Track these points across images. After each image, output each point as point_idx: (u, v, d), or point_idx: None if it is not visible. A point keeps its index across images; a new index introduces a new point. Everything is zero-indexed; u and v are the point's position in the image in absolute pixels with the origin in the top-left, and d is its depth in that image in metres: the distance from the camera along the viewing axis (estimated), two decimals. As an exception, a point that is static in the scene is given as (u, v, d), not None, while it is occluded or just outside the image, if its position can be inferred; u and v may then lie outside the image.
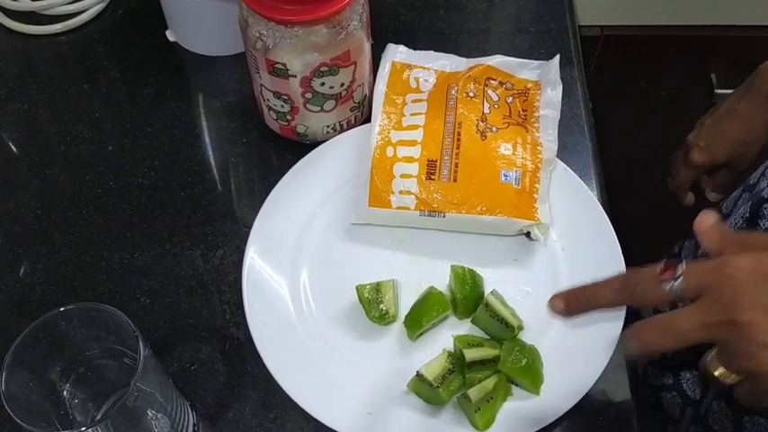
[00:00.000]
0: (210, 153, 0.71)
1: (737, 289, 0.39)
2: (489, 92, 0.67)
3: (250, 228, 0.62)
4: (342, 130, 0.68)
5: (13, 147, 0.72)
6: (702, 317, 0.40)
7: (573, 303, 0.47)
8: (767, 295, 0.38)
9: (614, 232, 0.61)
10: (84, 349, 0.48)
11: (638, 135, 1.10)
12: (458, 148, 0.63)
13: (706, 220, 0.45)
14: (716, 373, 0.42)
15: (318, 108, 0.65)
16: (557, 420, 0.53)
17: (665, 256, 0.71)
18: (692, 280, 0.41)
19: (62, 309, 0.44)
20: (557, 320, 0.58)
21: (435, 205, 0.61)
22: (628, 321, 0.57)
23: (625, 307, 0.57)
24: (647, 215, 1.11)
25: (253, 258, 0.61)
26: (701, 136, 0.72)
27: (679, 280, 0.41)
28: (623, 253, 0.60)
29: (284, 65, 0.60)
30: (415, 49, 0.72)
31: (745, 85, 0.68)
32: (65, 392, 0.49)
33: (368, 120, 0.68)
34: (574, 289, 0.48)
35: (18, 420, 0.42)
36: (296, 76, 0.61)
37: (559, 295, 0.48)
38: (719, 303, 0.40)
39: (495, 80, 0.69)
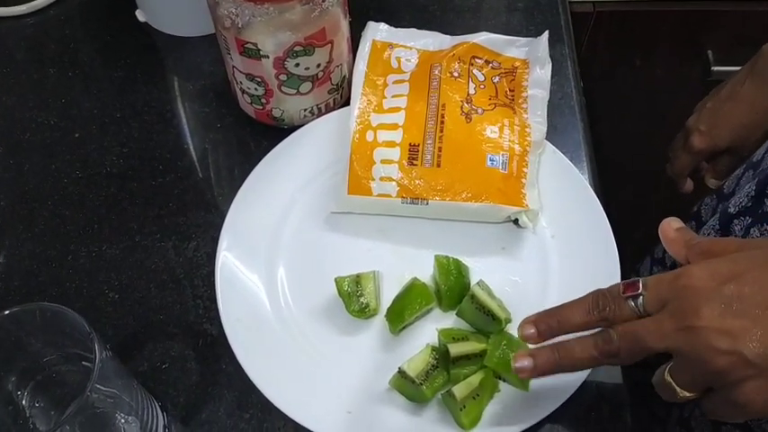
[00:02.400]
0: (183, 139, 0.68)
1: (694, 298, 0.39)
2: (475, 71, 0.64)
3: (224, 217, 0.59)
4: (320, 114, 0.65)
5: (-26, 135, 0.69)
6: (661, 326, 0.41)
7: (544, 327, 0.46)
8: (722, 301, 0.39)
9: (606, 218, 0.59)
10: (41, 355, 0.46)
11: (632, 115, 1.08)
12: (441, 131, 0.60)
13: (669, 229, 0.45)
14: (679, 395, 0.42)
15: (294, 90, 0.62)
16: (546, 418, 0.51)
17: (657, 242, 0.68)
18: (652, 295, 0.42)
19: (7, 311, 0.41)
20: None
21: (418, 192, 0.58)
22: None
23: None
24: (641, 200, 1.09)
25: (226, 250, 0.58)
26: (702, 120, 0.69)
27: (640, 297, 0.42)
28: (616, 239, 0.57)
29: (255, 45, 0.57)
30: (397, 26, 0.69)
31: (747, 67, 0.65)
32: (23, 401, 0.46)
33: (347, 102, 0.65)
34: (543, 313, 0.47)
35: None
36: (269, 57, 0.58)
37: (528, 320, 0.47)
38: (678, 313, 0.40)
39: (480, 59, 0.65)
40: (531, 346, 0.47)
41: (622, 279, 0.56)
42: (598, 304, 0.44)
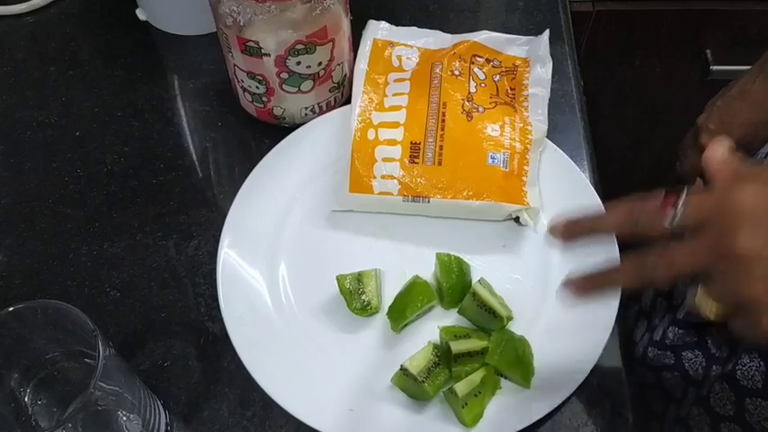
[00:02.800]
0: (184, 138, 0.68)
1: (737, 220, 0.38)
2: (475, 70, 0.64)
3: (226, 216, 0.59)
4: (321, 112, 0.65)
5: (-25, 133, 0.69)
6: (698, 246, 0.40)
7: (575, 228, 0.46)
8: (764, 228, 0.38)
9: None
10: (44, 352, 0.46)
11: (632, 113, 1.08)
12: (442, 129, 0.60)
13: (717, 151, 0.43)
14: (707, 312, 0.42)
15: (295, 89, 0.62)
16: (548, 415, 0.51)
17: (651, 247, 0.68)
18: (692, 211, 0.40)
19: (11, 308, 0.41)
20: (548, 310, 0.55)
21: (419, 190, 0.58)
22: (620, 316, 0.54)
23: (618, 298, 0.54)
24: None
25: (228, 249, 0.58)
26: (712, 118, 0.69)
27: (680, 211, 0.41)
28: (617, 237, 0.57)
29: (257, 43, 0.57)
30: (398, 25, 0.69)
31: (758, 65, 0.65)
32: (26, 398, 0.46)
33: (348, 101, 0.65)
34: (575, 217, 0.46)
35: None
36: (270, 55, 0.58)
37: (561, 220, 0.46)
38: (717, 234, 0.39)
39: (481, 57, 0.66)
40: None
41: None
42: (631, 211, 0.43)
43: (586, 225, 0.46)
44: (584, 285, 0.45)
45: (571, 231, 0.46)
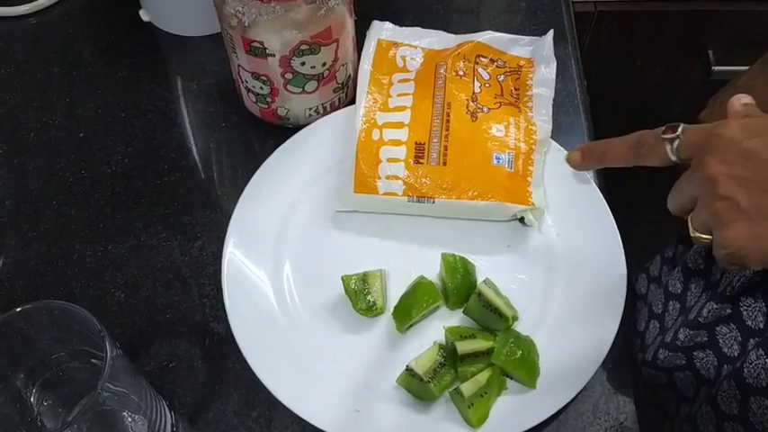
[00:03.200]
0: (188, 138, 0.68)
1: (716, 145, 0.42)
2: (480, 70, 0.64)
3: (230, 216, 0.59)
4: (325, 113, 0.65)
5: (-21, 134, 0.69)
6: (689, 172, 0.44)
7: (588, 155, 0.54)
8: (737, 151, 0.41)
9: (612, 216, 0.58)
10: (49, 352, 0.45)
11: (635, 113, 1.08)
12: (447, 129, 0.60)
13: (740, 100, 0.46)
14: (692, 234, 0.45)
15: (300, 89, 0.62)
16: (554, 414, 0.51)
17: (665, 242, 0.68)
18: (688, 138, 0.44)
19: (19, 309, 0.41)
20: (552, 310, 0.55)
21: (424, 190, 0.58)
22: (625, 318, 0.54)
23: (624, 298, 0.54)
24: (646, 197, 1.09)
25: (232, 249, 0.58)
26: (715, 115, 0.69)
27: (677, 140, 0.45)
28: (621, 237, 0.57)
29: (262, 43, 0.57)
30: (401, 25, 0.69)
31: (760, 63, 0.65)
32: (31, 398, 0.46)
33: (352, 101, 0.65)
34: (590, 144, 0.56)
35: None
36: (275, 56, 0.58)
37: (578, 147, 0.56)
38: (700, 158, 0.43)
39: (485, 57, 0.66)
40: None
41: (628, 278, 0.56)
42: (638, 141, 0.48)
43: (597, 152, 0.53)
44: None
45: (584, 157, 0.54)
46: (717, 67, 0.98)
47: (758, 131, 0.41)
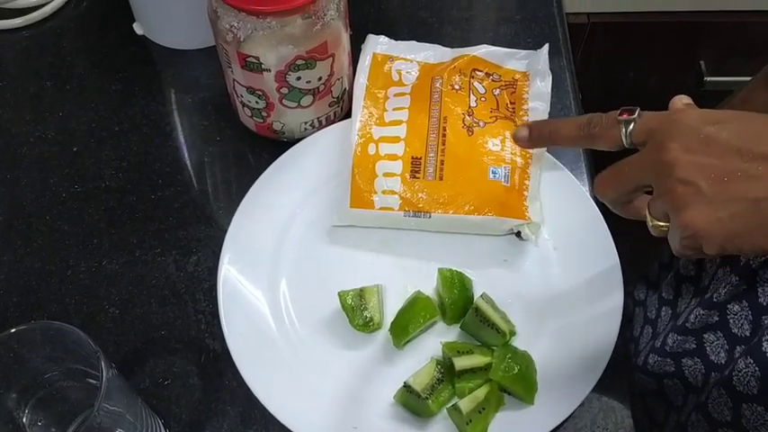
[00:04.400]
0: (182, 153, 0.68)
1: (675, 131, 0.42)
2: (475, 84, 0.64)
3: (225, 231, 0.59)
4: (321, 127, 0.65)
5: (-29, 149, 0.68)
6: (641, 157, 0.44)
7: (536, 134, 0.52)
8: (699, 138, 0.41)
9: (608, 229, 0.59)
10: (42, 371, 0.45)
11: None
12: (443, 144, 0.60)
13: (681, 100, 0.47)
14: (650, 224, 0.45)
15: (295, 104, 0.62)
16: (553, 430, 0.51)
17: (659, 254, 0.68)
18: (643, 122, 0.44)
19: (13, 330, 0.40)
20: (550, 324, 0.55)
21: (421, 205, 0.58)
22: (623, 325, 0.54)
23: (621, 313, 0.54)
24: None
25: (228, 265, 0.57)
26: None
27: (632, 123, 0.44)
28: (617, 250, 0.57)
29: (257, 58, 0.57)
30: (396, 39, 0.69)
31: (761, 74, 0.65)
32: (24, 419, 0.45)
33: (348, 115, 0.65)
34: (539, 121, 0.54)
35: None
36: (270, 71, 0.58)
37: (524, 125, 0.53)
38: (657, 143, 0.42)
39: (481, 71, 0.66)
40: None
41: (625, 290, 0.56)
42: (590, 121, 0.47)
43: (546, 131, 0.51)
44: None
45: (533, 137, 0.52)
46: (709, 78, 0.99)
47: (716, 120, 0.42)
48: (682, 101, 0.47)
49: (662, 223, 0.44)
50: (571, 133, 0.48)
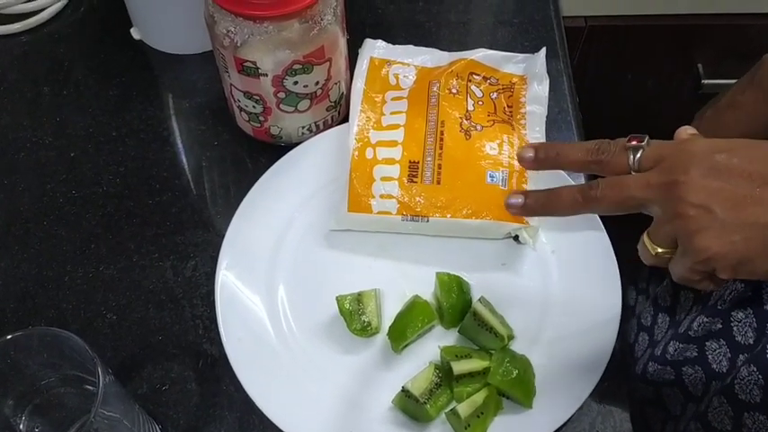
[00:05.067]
0: (180, 157, 0.68)
1: (686, 158, 0.42)
2: (473, 87, 0.64)
3: (223, 236, 0.59)
4: (318, 131, 0.65)
5: (-32, 154, 0.68)
6: (649, 177, 0.43)
7: (542, 155, 0.49)
8: (711, 164, 0.42)
9: (606, 232, 0.59)
10: (39, 378, 0.45)
11: (626, 128, 1.08)
12: (441, 148, 0.60)
13: (686, 131, 0.47)
14: (653, 252, 0.45)
15: (292, 108, 0.62)
16: (551, 434, 0.51)
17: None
18: (653, 150, 0.44)
19: (9, 336, 0.40)
20: (548, 328, 0.55)
21: (418, 209, 0.58)
22: (622, 328, 0.54)
23: (620, 313, 0.54)
24: (639, 214, 1.09)
25: (226, 270, 0.57)
26: (702, 129, 0.69)
27: (641, 150, 0.45)
28: (615, 254, 0.57)
29: (254, 63, 0.57)
30: (393, 43, 0.69)
31: (748, 76, 0.65)
32: (21, 425, 0.45)
33: (345, 119, 0.65)
34: (545, 143, 0.53)
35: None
36: (267, 75, 0.58)
37: (530, 145, 0.50)
38: (668, 167, 0.43)
39: (478, 75, 0.66)
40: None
41: (623, 293, 0.56)
42: (598, 147, 0.47)
43: (552, 153, 0.49)
44: (527, 204, 0.49)
45: (538, 158, 0.49)
46: (706, 81, 0.98)
47: (725, 148, 0.42)
48: (687, 131, 0.47)
49: (664, 250, 0.44)
50: (579, 157, 0.48)
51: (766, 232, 0.40)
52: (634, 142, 0.45)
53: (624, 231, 0.65)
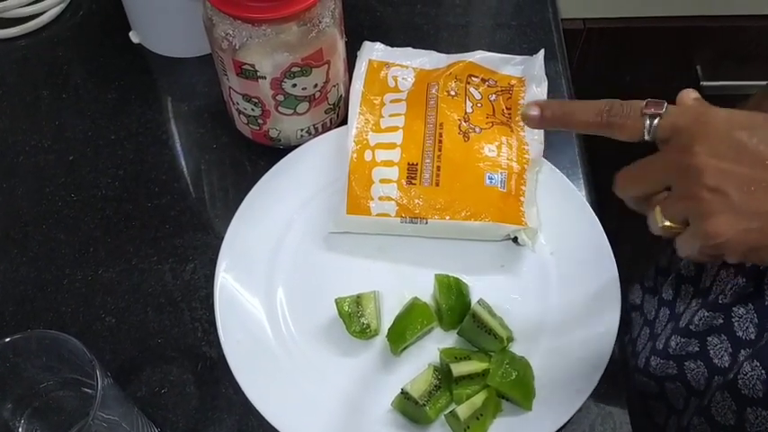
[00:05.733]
0: (179, 160, 0.68)
1: (704, 133, 0.40)
2: (471, 90, 0.64)
3: (222, 239, 0.59)
4: (317, 134, 0.65)
5: (-33, 158, 0.68)
6: (666, 156, 0.42)
7: (548, 114, 0.47)
8: (729, 143, 0.40)
9: (605, 234, 0.59)
10: (38, 381, 0.45)
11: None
12: (439, 150, 0.60)
13: (689, 95, 0.45)
14: (660, 224, 0.43)
15: (291, 111, 0.62)
16: (551, 436, 0.50)
17: (657, 259, 0.68)
18: (670, 119, 0.42)
19: (8, 339, 0.40)
20: (547, 330, 0.55)
21: (417, 211, 0.58)
22: (621, 330, 0.54)
23: (619, 314, 0.54)
24: (639, 216, 1.09)
25: (225, 272, 0.57)
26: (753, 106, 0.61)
27: (657, 117, 0.42)
28: (615, 255, 0.57)
29: (253, 66, 0.57)
30: (392, 46, 0.69)
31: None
32: (20, 429, 0.45)
33: (344, 122, 0.65)
34: (554, 101, 0.49)
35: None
36: (266, 78, 0.58)
37: (536, 102, 0.47)
38: (684, 143, 0.41)
39: (477, 77, 0.66)
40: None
41: (622, 292, 0.56)
42: (611, 109, 0.44)
43: (559, 112, 0.47)
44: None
45: (545, 116, 0.46)
46: (705, 83, 0.98)
47: (746, 124, 0.41)
48: (690, 95, 0.45)
49: (674, 225, 0.43)
50: (588, 118, 0.45)
51: None
52: (652, 109, 0.43)
53: (624, 232, 0.66)
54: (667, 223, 0.43)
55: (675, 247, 0.44)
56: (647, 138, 0.43)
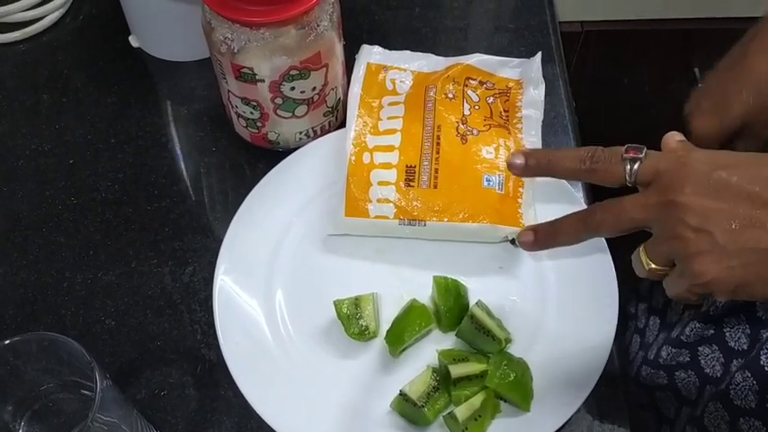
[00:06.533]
0: (178, 164, 0.68)
1: (685, 174, 0.41)
2: (469, 92, 0.65)
3: (221, 241, 0.59)
4: (315, 137, 0.65)
5: (-33, 162, 0.69)
6: (647, 198, 0.42)
7: (532, 162, 0.48)
8: (710, 182, 0.40)
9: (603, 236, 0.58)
10: (38, 383, 0.45)
11: (622, 132, 1.08)
12: (437, 152, 0.60)
13: (674, 138, 0.45)
14: (646, 267, 0.43)
15: (290, 114, 0.62)
16: (549, 437, 0.51)
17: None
18: (650, 163, 0.43)
19: (7, 342, 0.40)
20: (545, 331, 0.55)
21: (415, 213, 0.58)
22: (619, 332, 0.54)
23: (616, 315, 0.55)
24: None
25: (224, 275, 0.57)
26: (705, 95, 0.56)
27: (638, 162, 0.43)
28: (612, 256, 0.57)
29: (251, 69, 0.57)
30: (390, 49, 0.69)
31: (756, 26, 0.55)
32: (20, 431, 0.45)
33: (342, 125, 0.65)
34: (538, 149, 0.51)
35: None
36: (264, 81, 0.58)
37: (521, 151, 0.49)
38: (665, 185, 0.41)
39: (474, 80, 0.66)
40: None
41: (620, 297, 0.56)
42: (593, 156, 0.45)
43: (543, 160, 0.48)
44: (538, 238, 0.49)
45: (528, 163, 0.48)
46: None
47: (726, 164, 0.41)
48: (674, 138, 0.45)
49: (659, 267, 0.43)
50: (571, 166, 0.46)
51: (765, 257, 0.39)
52: (631, 153, 0.43)
53: (622, 236, 0.66)
54: (653, 266, 0.43)
55: (664, 288, 0.44)
56: (628, 182, 0.44)
